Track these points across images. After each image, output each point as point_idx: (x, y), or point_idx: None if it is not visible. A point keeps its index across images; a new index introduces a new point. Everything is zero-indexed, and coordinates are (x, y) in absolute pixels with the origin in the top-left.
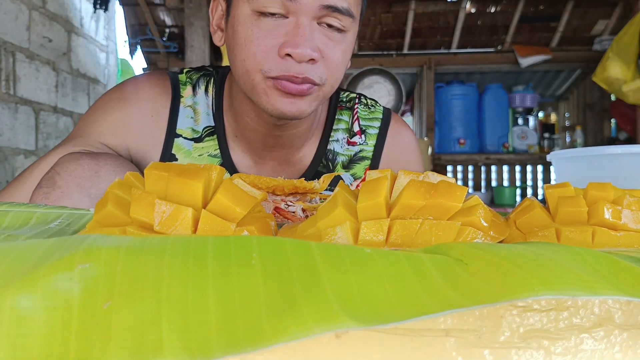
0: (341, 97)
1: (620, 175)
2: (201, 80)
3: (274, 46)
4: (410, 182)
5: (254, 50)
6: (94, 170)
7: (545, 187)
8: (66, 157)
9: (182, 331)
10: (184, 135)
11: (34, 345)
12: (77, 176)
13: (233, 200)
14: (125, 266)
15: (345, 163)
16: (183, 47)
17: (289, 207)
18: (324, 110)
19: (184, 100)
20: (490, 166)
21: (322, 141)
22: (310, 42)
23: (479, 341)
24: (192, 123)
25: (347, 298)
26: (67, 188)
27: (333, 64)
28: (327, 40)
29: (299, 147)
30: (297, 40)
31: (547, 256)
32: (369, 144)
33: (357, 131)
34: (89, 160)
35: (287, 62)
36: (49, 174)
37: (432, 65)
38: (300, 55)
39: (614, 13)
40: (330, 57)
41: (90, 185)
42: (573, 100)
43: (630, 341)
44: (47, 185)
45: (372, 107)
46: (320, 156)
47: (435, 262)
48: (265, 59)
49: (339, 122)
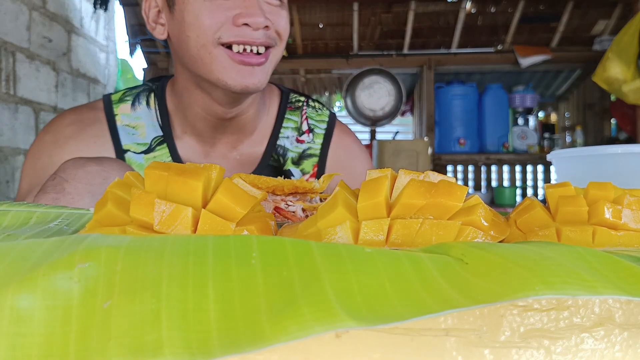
0: (290, 99)
1: (621, 175)
2: (141, 96)
3: (228, 17)
4: (410, 182)
5: (208, 23)
6: (103, 177)
7: (546, 186)
8: (70, 163)
9: (182, 330)
10: (131, 150)
11: (33, 344)
12: (87, 183)
13: (233, 200)
14: (125, 265)
15: (295, 159)
16: None
17: (289, 206)
18: (274, 107)
19: (119, 118)
20: (490, 166)
21: (272, 137)
22: (262, 11)
23: (479, 341)
24: (135, 138)
25: (348, 297)
26: (77, 195)
27: (283, 30)
28: (272, 8)
29: (248, 135)
30: (250, 10)
31: (547, 256)
32: (316, 142)
33: (305, 130)
34: (96, 167)
35: (244, 30)
36: (55, 180)
37: (432, 65)
38: (257, 23)
39: (614, 13)
40: (278, 25)
41: (101, 192)
42: (573, 100)
43: (630, 340)
44: (56, 191)
45: (319, 110)
46: (271, 151)
47: (435, 262)
48: (220, 29)
49: (288, 121)
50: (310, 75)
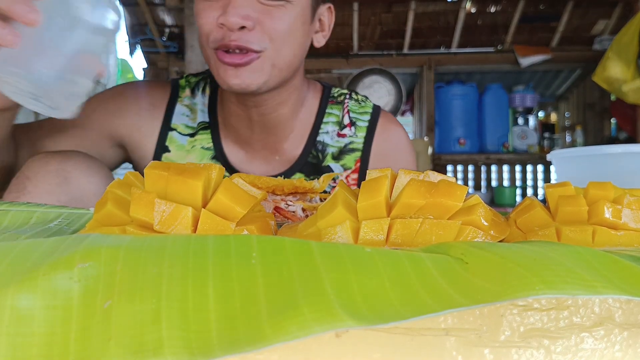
0: (332, 93)
1: (621, 175)
2: (200, 83)
3: (214, 17)
4: (410, 182)
5: (201, 23)
6: (63, 176)
7: (546, 186)
8: (36, 161)
9: (182, 330)
10: (178, 130)
11: (34, 344)
12: (46, 182)
13: (233, 200)
14: (125, 265)
15: (335, 154)
16: (183, 47)
17: (289, 206)
18: (315, 104)
19: (182, 99)
20: (490, 166)
21: (312, 133)
22: (239, 10)
23: (479, 340)
24: (188, 120)
25: (347, 297)
26: (37, 194)
27: (273, 30)
28: (264, 7)
29: (286, 134)
30: (227, 10)
31: (547, 255)
32: (358, 136)
33: (347, 123)
34: (57, 166)
35: (222, 31)
36: (19, 179)
37: (432, 65)
38: (230, 23)
39: (614, 13)
40: (269, 25)
41: (60, 191)
42: (573, 100)
43: (630, 340)
44: (17, 190)
45: (362, 102)
46: (310, 147)
47: (435, 261)
48: (211, 32)
49: (329, 116)
50: (310, 75)
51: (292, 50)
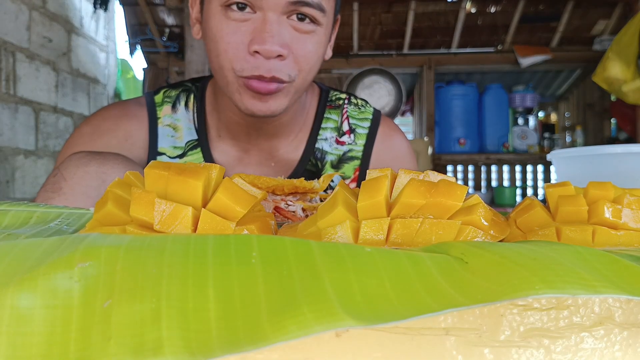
0: (330, 96)
1: (621, 175)
2: (181, 96)
3: (243, 43)
4: (410, 181)
5: (224, 47)
6: (102, 179)
7: (546, 186)
8: (73, 160)
9: (182, 330)
10: (167, 154)
11: (33, 343)
12: (83, 185)
13: (233, 199)
14: (125, 265)
15: (334, 162)
16: (183, 47)
17: (289, 206)
18: (313, 108)
19: (162, 120)
20: (490, 166)
21: (310, 139)
22: (277, 38)
23: (479, 340)
24: (174, 141)
25: (348, 297)
26: (72, 195)
27: (303, 59)
28: (297, 34)
29: (284, 139)
30: (264, 36)
31: (547, 255)
32: (358, 144)
33: (346, 130)
34: (96, 168)
35: (256, 59)
36: (55, 177)
37: (432, 65)
38: (268, 52)
39: (614, 13)
40: (299, 51)
41: (97, 194)
42: (573, 100)
43: (630, 340)
44: (53, 190)
45: (362, 107)
46: (309, 155)
47: (435, 261)
48: (237, 57)
49: (328, 121)
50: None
51: (314, 74)
